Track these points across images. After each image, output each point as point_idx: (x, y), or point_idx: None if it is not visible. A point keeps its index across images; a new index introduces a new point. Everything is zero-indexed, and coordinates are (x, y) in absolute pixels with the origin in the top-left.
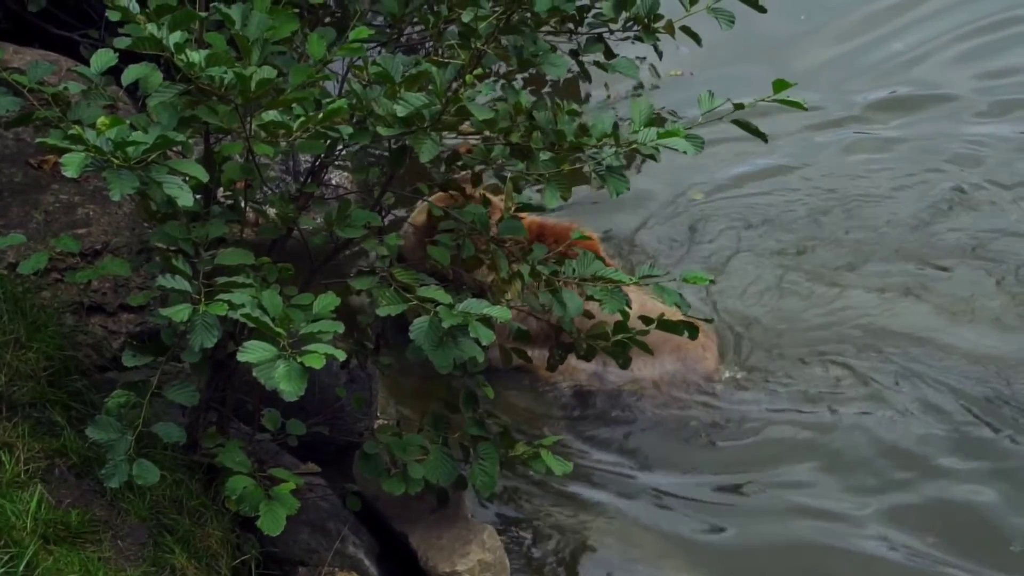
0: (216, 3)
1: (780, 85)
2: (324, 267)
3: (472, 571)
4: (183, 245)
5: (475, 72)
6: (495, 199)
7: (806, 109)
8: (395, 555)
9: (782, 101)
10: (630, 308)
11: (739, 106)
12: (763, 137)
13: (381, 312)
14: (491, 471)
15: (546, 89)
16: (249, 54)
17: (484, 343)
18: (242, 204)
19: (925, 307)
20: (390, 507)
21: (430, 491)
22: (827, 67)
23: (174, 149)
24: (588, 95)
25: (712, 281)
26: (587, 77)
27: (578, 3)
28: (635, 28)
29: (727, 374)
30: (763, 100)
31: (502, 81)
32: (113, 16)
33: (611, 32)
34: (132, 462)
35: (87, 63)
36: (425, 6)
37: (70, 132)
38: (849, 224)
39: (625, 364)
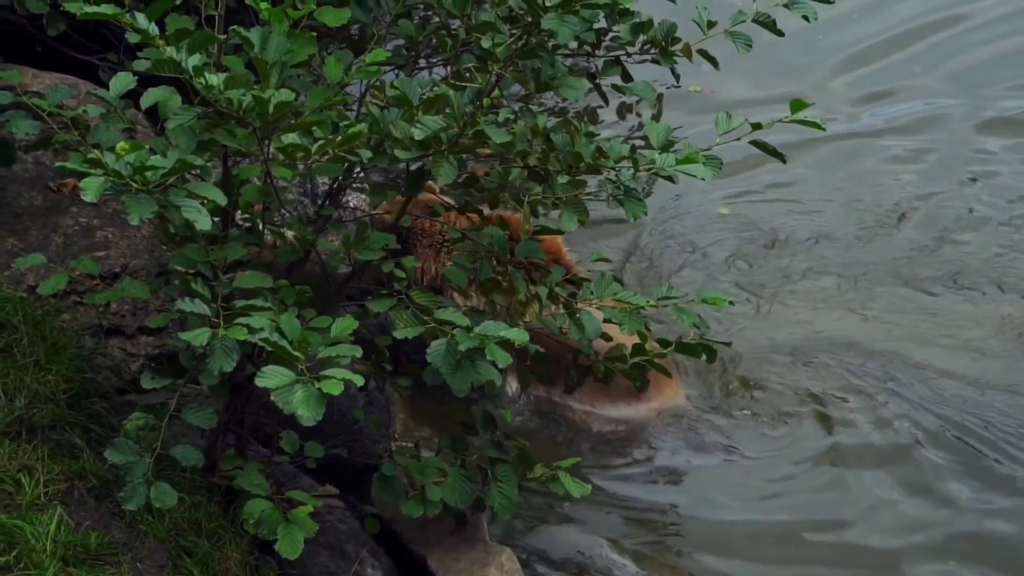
0: (235, 26)
1: (797, 105)
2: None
3: None
4: (201, 268)
5: (492, 95)
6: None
7: (824, 129)
8: None
9: (800, 122)
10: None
11: (756, 126)
12: (781, 158)
13: (398, 334)
14: (509, 493)
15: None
16: (268, 77)
17: (501, 366)
18: (260, 227)
19: (895, 325)
20: (408, 529)
21: (448, 513)
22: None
23: (192, 172)
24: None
25: (731, 303)
26: (604, 100)
27: (595, 27)
28: (652, 51)
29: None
30: (781, 120)
31: (522, 105)
32: (132, 39)
33: (628, 55)
34: (150, 485)
35: (106, 87)
36: (442, 30)
37: (89, 156)
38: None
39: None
